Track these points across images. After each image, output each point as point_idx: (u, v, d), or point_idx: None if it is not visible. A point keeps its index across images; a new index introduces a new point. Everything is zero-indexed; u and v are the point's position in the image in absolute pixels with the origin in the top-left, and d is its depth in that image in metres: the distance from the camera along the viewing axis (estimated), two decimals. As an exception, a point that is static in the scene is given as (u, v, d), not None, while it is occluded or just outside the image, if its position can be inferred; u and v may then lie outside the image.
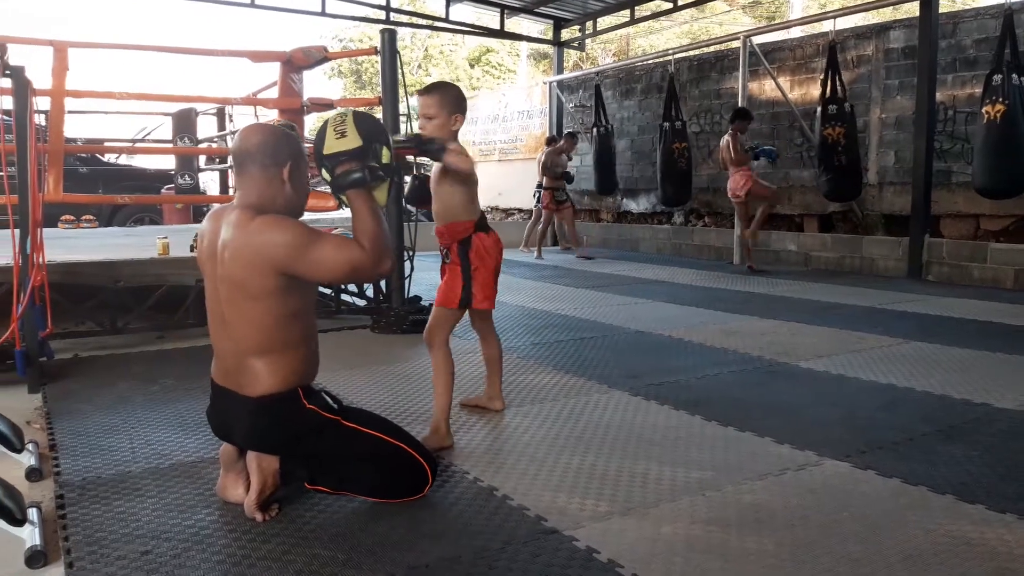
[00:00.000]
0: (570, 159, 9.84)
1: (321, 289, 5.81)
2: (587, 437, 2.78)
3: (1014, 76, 5.84)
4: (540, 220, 10.36)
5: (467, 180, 2.77)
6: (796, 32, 13.04)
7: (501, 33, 11.94)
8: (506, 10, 11.26)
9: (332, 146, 2.11)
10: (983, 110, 6.00)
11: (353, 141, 2.10)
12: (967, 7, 7.51)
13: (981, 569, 1.82)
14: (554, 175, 9.49)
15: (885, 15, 10.41)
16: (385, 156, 2.15)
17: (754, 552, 1.90)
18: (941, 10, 7.33)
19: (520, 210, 13.35)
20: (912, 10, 7.68)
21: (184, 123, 8.61)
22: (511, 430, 2.87)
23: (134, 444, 2.74)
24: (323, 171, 2.16)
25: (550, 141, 10.26)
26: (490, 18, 11.87)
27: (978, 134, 6.21)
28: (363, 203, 2.12)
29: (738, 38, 8.65)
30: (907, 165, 7.62)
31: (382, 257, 2.11)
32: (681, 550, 1.92)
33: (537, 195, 10.24)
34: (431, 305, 3.04)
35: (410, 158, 2.95)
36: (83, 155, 10.18)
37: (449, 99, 2.74)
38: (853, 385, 3.52)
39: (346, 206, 2.19)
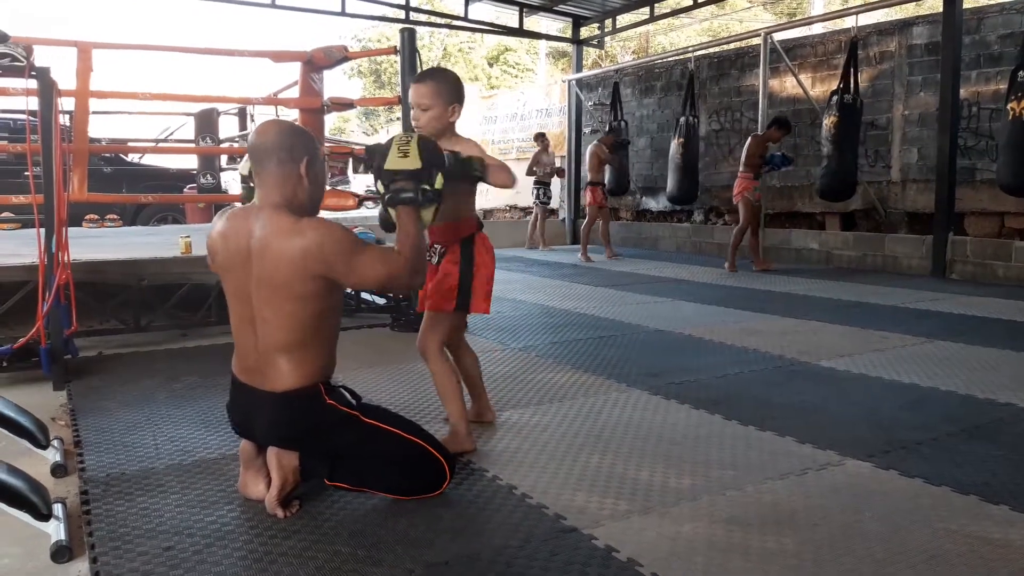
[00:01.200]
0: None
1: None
2: (606, 436, 2.77)
3: (1040, 72, 5.76)
4: (543, 218, 10.36)
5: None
6: (818, 28, 12.92)
7: (520, 32, 11.93)
8: (525, 8, 11.24)
9: (393, 163, 2.19)
10: (1008, 106, 5.91)
11: (414, 163, 2.18)
12: (992, 2, 7.40)
13: (1006, 570, 1.80)
14: (604, 166, 9.10)
15: (908, 11, 10.30)
16: (438, 182, 2.22)
17: (775, 552, 1.89)
18: (965, 5, 7.24)
19: (538, 209, 13.34)
20: (936, 6, 7.60)
21: (206, 123, 8.69)
22: (530, 428, 2.87)
23: (157, 441, 2.77)
24: (379, 183, 2.24)
25: (538, 137, 10.32)
26: (509, 16, 11.87)
27: (1003, 131, 6.12)
28: (411, 220, 2.19)
29: (759, 35, 8.59)
30: (930, 162, 7.54)
31: (418, 271, 2.20)
32: (702, 549, 1.91)
33: (536, 193, 10.23)
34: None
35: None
36: (107, 155, 10.29)
37: (446, 87, 2.55)
38: (875, 384, 3.48)
39: (375, 205, 2.27)
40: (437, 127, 2.57)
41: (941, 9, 7.23)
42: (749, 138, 7.63)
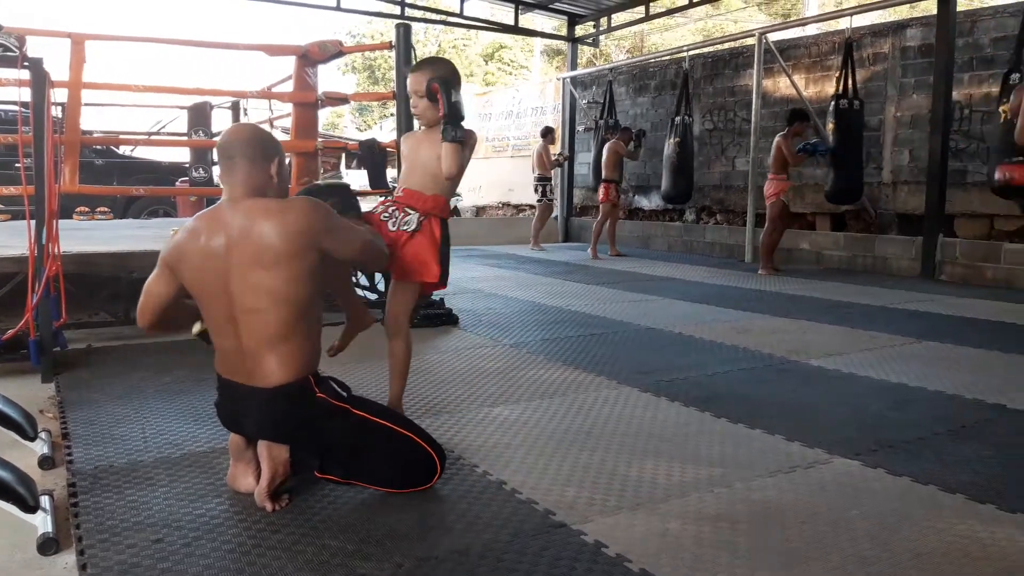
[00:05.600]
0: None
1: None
2: (596, 432, 2.78)
3: (1032, 75, 5.79)
4: (544, 216, 10.25)
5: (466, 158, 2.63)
6: (812, 29, 12.97)
7: (515, 29, 11.93)
8: (520, 6, 11.25)
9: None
10: (1000, 109, 5.94)
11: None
12: (985, 5, 7.45)
13: (991, 569, 1.81)
14: (621, 163, 9.16)
15: (902, 13, 10.32)
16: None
17: (763, 549, 1.90)
18: (959, 8, 7.28)
19: (531, 206, 13.35)
20: (929, 8, 7.64)
21: (199, 116, 8.65)
22: (520, 424, 2.88)
23: (146, 434, 2.76)
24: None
25: (546, 133, 10.21)
26: (504, 14, 11.86)
27: (994, 134, 6.16)
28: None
29: (753, 35, 8.61)
30: (922, 164, 7.57)
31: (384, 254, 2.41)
32: (690, 545, 1.92)
33: (540, 189, 10.14)
34: (442, 299, 3.00)
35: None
36: (98, 147, 10.25)
37: (443, 74, 2.59)
38: (864, 384, 3.50)
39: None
40: (437, 114, 2.60)
41: (935, 11, 7.26)
42: (776, 139, 7.47)
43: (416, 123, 2.85)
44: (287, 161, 2.40)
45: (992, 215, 7.20)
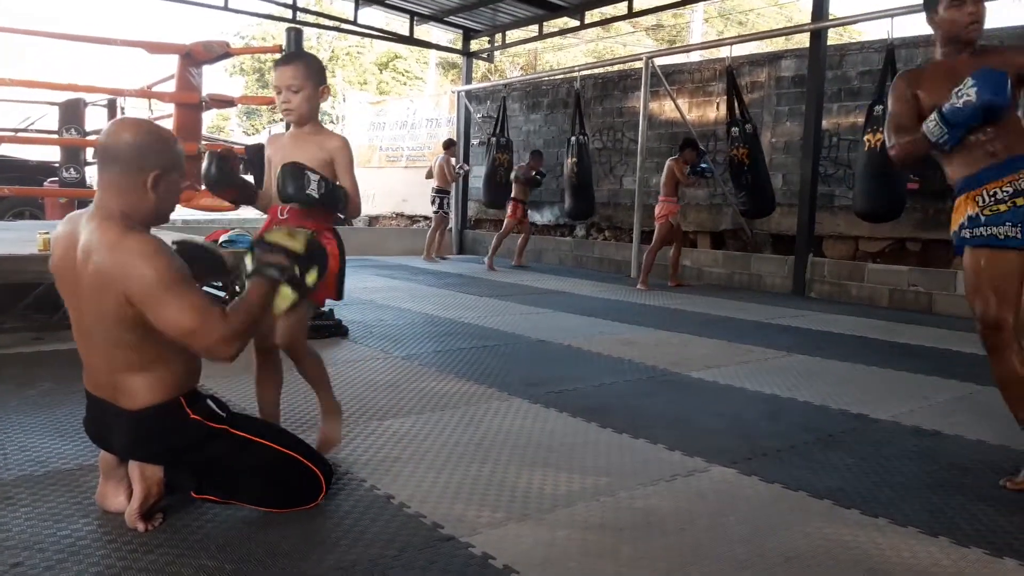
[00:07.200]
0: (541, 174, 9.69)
1: (207, 289, 5.62)
2: (486, 444, 2.79)
3: (892, 108, 6.23)
4: (439, 228, 10.34)
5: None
6: (695, 56, 13.56)
7: (410, 40, 11.88)
8: (416, 17, 11.22)
9: (276, 237, 2.08)
10: (864, 138, 6.38)
11: (297, 245, 2.07)
12: (853, 40, 7.98)
13: (855, 570, 1.93)
14: (527, 183, 9.52)
15: (778, 44, 10.96)
16: (311, 279, 2.10)
17: (644, 556, 1.96)
18: (829, 42, 7.77)
19: (425, 217, 13.31)
20: (803, 41, 8.11)
21: (72, 113, 8.19)
22: (409, 438, 2.85)
23: (7, 450, 2.57)
24: (252, 252, 2.08)
25: (448, 145, 10.32)
26: (400, 24, 11.79)
27: (859, 161, 6.60)
28: (260, 295, 2.00)
29: (641, 59, 8.91)
30: (794, 188, 8.02)
31: (232, 342, 1.91)
32: (575, 555, 1.95)
33: (439, 202, 10.18)
34: (332, 310, 2.91)
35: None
36: (-43, 143, 9.52)
37: (315, 69, 2.52)
38: (740, 395, 3.67)
39: (244, 276, 2.08)
40: (309, 108, 2.52)
41: (808, 44, 7.73)
42: (667, 163, 7.76)
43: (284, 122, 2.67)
44: (175, 174, 2.04)
45: (857, 237, 7.71)
